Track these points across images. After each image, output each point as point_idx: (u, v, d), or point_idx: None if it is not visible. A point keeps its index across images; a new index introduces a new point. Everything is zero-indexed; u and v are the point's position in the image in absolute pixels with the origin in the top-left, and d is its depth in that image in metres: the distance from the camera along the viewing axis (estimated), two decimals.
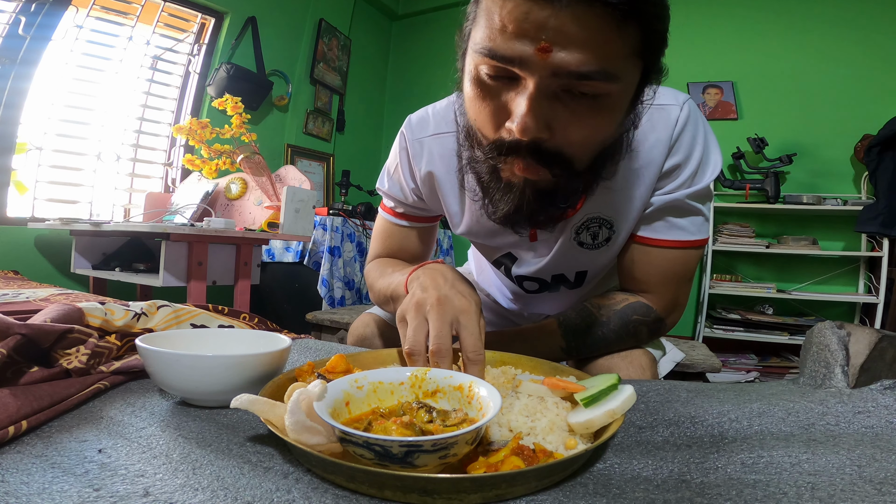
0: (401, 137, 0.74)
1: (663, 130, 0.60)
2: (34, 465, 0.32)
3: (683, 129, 0.61)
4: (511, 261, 0.78)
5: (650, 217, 0.65)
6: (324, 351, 0.68)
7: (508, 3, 0.41)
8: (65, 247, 2.07)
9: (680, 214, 0.64)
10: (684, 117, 0.61)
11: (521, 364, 0.53)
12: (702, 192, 0.63)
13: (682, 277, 0.67)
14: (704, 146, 0.62)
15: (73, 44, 2.17)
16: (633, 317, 0.68)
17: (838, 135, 2.61)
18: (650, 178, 0.62)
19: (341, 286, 2.42)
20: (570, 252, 0.70)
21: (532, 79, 0.43)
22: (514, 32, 0.41)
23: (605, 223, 0.67)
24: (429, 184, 0.73)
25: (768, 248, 2.62)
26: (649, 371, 0.69)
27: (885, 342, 0.47)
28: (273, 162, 2.84)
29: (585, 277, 0.76)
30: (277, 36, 2.90)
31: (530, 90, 0.43)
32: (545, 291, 0.81)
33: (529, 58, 0.42)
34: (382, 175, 0.79)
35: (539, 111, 0.44)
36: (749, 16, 2.80)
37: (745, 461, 0.34)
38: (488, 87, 0.47)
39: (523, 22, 0.41)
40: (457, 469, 0.32)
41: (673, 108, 0.61)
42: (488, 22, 0.43)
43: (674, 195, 0.63)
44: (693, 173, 0.62)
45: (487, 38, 0.43)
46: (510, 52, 0.42)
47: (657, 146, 0.61)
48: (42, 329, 0.45)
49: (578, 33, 0.40)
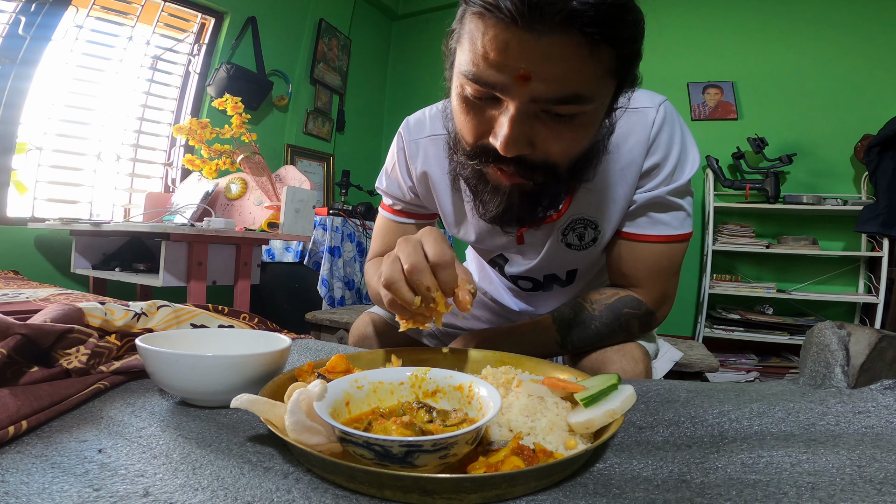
0: (398, 138, 0.77)
1: (641, 132, 0.64)
2: (34, 465, 0.32)
3: (660, 129, 0.64)
4: (504, 261, 0.81)
5: (634, 214, 0.68)
6: (324, 351, 0.68)
7: (490, 30, 0.43)
8: (65, 247, 2.07)
9: (662, 210, 0.67)
10: (660, 118, 0.64)
11: (522, 364, 0.53)
12: (681, 188, 0.66)
13: (668, 271, 0.70)
14: (682, 145, 0.65)
15: (73, 44, 2.16)
16: (625, 310, 0.70)
17: (838, 135, 2.60)
18: (631, 178, 0.65)
19: (341, 286, 2.42)
20: (559, 253, 0.73)
21: (513, 103, 0.46)
22: (495, 60, 0.44)
23: (589, 224, 0.69)
24: (424, 183, 0.76)
25: (768, 248, 2.61)
26: (642, 363, 0.70)
27: (885, 342, 0.47)
28: (273, 162, 2.84)
29: (576, 275, 0.79)
30: (277, 36, 2.90)
31: (511, 112, 0.46)
32: (540, 290, 0.83)
33: (510, 85, 0.44)
34: (381, 174, 0.82)
35: (520, 130, 0.47)
36: (749, 16, 2.80)
37: (745, 461, 0.34)
38: (472, 104, 0.49)
39: (503, 51, 0.43)
40: (457, 469, 0.32)
41: (649, 110, 0.64)
42: (471, 46, 0.45)
43: (654, 192, 0.66)
44: (672, 171, 0.65)
45: (471, 63, 0.46)
46: (492, 79, 0.45)
47: (636, 147, 0.64)
48: (42, 329, 0.45)
49: (556, 61, 0.42)
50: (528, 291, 0.85)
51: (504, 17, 0.41)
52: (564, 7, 0.40)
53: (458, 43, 0.49)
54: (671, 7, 2.93)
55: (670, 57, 2.89)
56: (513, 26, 0.41)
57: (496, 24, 0.42)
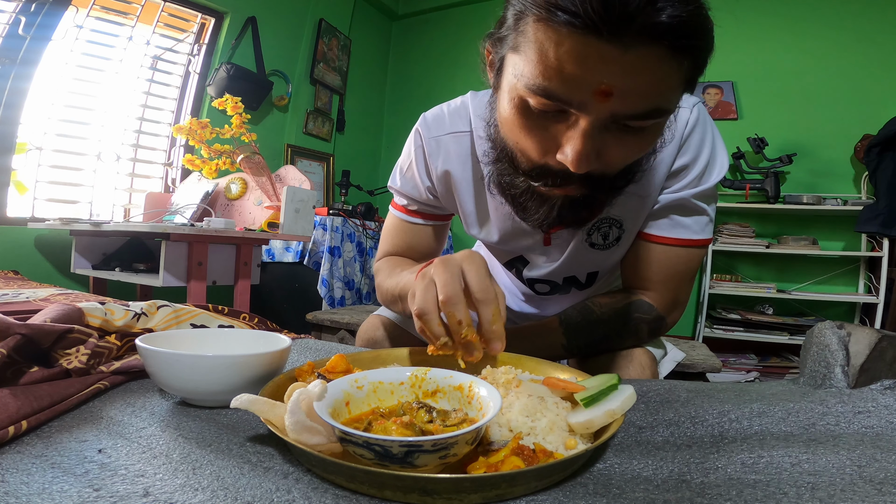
0: (416, 135, 0.73)
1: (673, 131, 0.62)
2: (34, 465, 0.32)
3: (693, 130, 0.62)
4: (523, 264, 0.78)
5: (656, 214, 0.66)
6: (324, 351, 0.68)
7: (565, 40, 0.39)
8: (65, 247, 2.06)
9: (685, 213, 0.65)
10: (693, 119, 0.62)
11: (522, 364, 0.53)
12: (707, 192, 0.64)
13: (684, 276, 0.68)
14: (712, 148, 0.63)
15: (73, 44, 2.16)
16: (635, 315, 0.68)
17: (838, 135, 2.60)
18: (659, 178, 0.63)
19: (341, 286, 2.42)
20: (582, 253, 0.71)
21: (587, 119, 0.42)
22: (572, 74, 0.40)
23: (615, 223, 0.67)
24: (445, 183, 0.73)
25: (768, 248, 2.61)
26: (649, 370, 0.69)
27: (885, 342, 0.47)
28: (273, 162, 2.84)
29: (596, 277, 0.76)
30: (277, 36, 2.90)
31: (584, 128, 0.43)
32: (556, 293, 0.81)
33: (587, 101, 0.41)
34: (395, 173, 0.78)
35: (592, 147, 0.44)
36: (749, 16, 2.80)
37: (745, 461, 0.34)
38: (535, 117, 0.46)
39: (582, 63, 0.39)
40: (457, 469, 0.32)
41: (683, 110, 0.62)
42: (540, 57, 0.41)
43: (680, 194, 0.64)
44: (700, 174, 0.63)
45: (541, 76, 0.41)
46: (567, 95, 0.41)
47: (667, 147, 0.62)
48: (42, 329, 0.45)
49: (639, 76, 0.39)
50: (543, 295, 0.82)
51: (585, 28, 0.37)
52: (654, 17, 0.36)
53: (513, 50, 0.44)
54: None
55: None
56: (593, 37, 0.37)
57: (573, 34, 0.38)
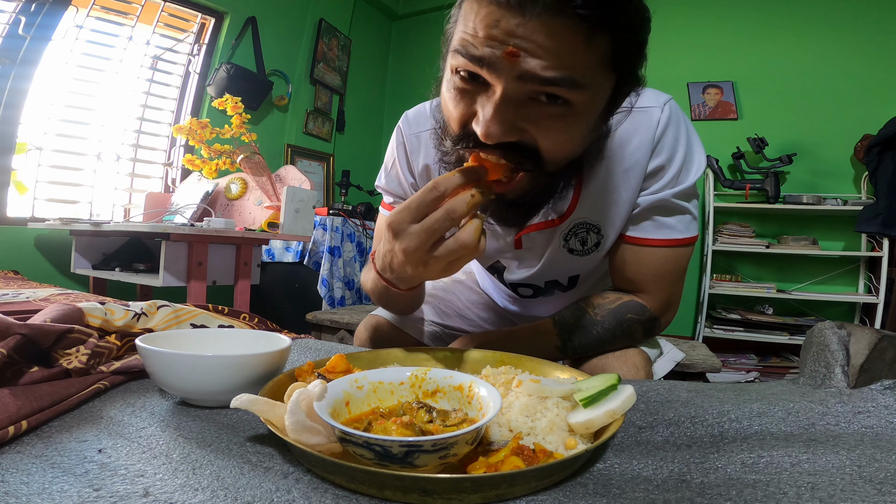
0: (398, 133, 0.74)
1: (645, 132, 0.61)
2: (34, 465, 0.32)
3: (665, 130, 0.62)
4: (503, 267, 0.78)
5: (638, 217, 0.66)
6: (324, 351, 0.68)
7: (483, 9, 0.43)
8: (65, 247, 2.06)
9: (667, 213, 0.65)
10: (665, 118, 0.61)
11: (522, 364, 0.53)
12: (687, 190, 0.64)
13: (673, 275, 0.68)
14: (687, 146, 0.63)
15: (73, 44, 2.16)
16: (628, 315, 0.68)
17: (838, 135, 2.60)
18: (635, 181, 0.63)
19: (341, 286, 2.42)
20: (562, 259, 0.71)
21: (499, 84, 0.45)
22: (485, 37, 0.43)
23: (592, 228, 0.67)
24: (426, 178, 0.74)
25: (768, 248, 2.61)
26: (643, 370, 0.69)
27: (885, 342, 0.47)
28: (273, 162, 2.84)
29: (578, 280, 0.77)
30: (277, 36, 2.90)
31: (497, 95, 0.45)
32: (540, 296, 0.81)
33: (497, 61, 0.44)
34: (381, 172, 0.80)
35: (504, 116, 0.46)
36: (749, 16, 2.80)
37: (745, 461, 0.34)
38: (461, 89, 0.49)
39: (493, 27, 0.43)
40: (457, 469, 0.32)
41: (654, 109, 0.62)
42: (464, 25, 0.46)
43: (659, 195, 0.64)
44: (677, 173, 0.63)
45: (461, 40, 0.46)
46: (479, 54, 0.44)
47: (640, 148, 0.62)
48: (42, 329, 0.45)
49: (546, 41, 0.42)
50: (528, 298, 0.82)
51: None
52: None
53: (454, 26, 0.49)
54: (671, 7, 2.92)
55: (670, 57, 2.89)
56: (504, 6, 0.42)
57: (489, 4, 0.43)
